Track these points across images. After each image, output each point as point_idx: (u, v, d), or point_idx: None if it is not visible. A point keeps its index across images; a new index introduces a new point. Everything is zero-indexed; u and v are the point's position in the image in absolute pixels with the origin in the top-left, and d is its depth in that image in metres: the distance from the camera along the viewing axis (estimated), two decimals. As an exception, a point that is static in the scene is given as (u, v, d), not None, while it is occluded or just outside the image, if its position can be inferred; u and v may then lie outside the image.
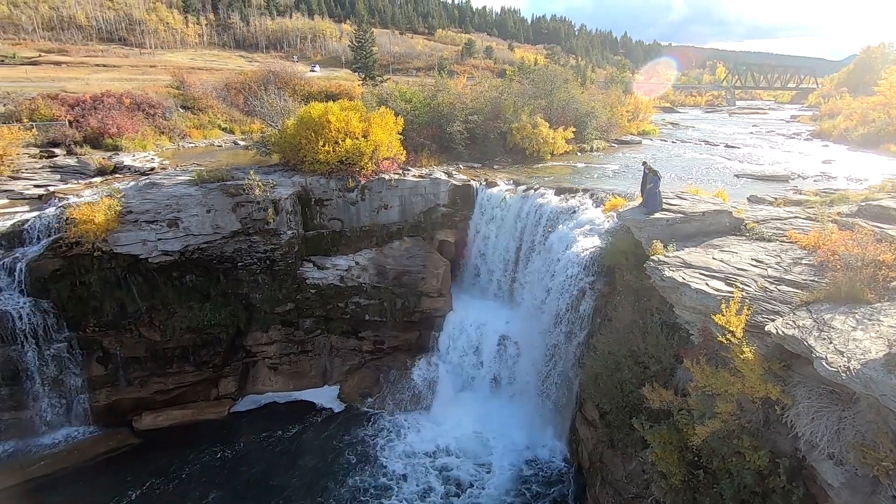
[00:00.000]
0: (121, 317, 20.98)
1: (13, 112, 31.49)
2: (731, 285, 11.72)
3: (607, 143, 37.40)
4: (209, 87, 43.48)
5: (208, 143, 36.03)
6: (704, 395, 11.13)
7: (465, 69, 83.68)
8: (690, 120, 64.90)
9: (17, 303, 19.20)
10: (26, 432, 19.72)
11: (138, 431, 20.59)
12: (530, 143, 30.95)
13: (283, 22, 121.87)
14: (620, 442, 15.22)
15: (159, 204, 21.11)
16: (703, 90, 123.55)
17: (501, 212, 23.90)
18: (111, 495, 17.39)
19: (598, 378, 15.58)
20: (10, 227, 20.00)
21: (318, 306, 23.79)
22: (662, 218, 15.59)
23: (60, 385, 20.21)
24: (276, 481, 18.23)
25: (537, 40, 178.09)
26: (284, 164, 25.97)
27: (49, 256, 19.65)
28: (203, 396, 22.33)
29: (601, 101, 39.92)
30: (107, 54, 79.48)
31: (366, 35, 70.02)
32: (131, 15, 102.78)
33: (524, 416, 21.01)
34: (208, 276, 22.18)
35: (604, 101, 41.33)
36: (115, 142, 30.54)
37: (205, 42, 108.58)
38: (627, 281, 15.73)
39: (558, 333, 18.97)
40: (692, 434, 11.13)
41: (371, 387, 23.35)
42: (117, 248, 20.20)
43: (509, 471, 18.93)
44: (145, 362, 21.40)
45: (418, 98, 31.93)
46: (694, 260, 13.37)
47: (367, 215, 24.82)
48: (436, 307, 23.92)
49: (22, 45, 75.83)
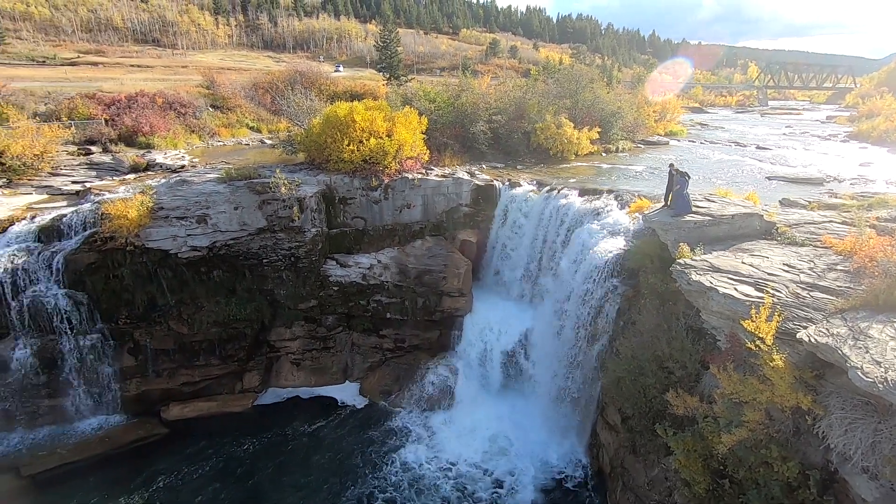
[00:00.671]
0: (151, 310, 21.62)
1: (53, 111, 32.77)
2: (762, 290, 11.42)
3: (633, 144, 36.83)
4: (238, 87, 44.43)
5: (236, 142, 36.81)
6: (731, 403, 10.87)
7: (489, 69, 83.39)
8: (720, 120, 63.32)
9: (55, 294, 19.98)
10: (62, 418, 20.51)
11: (166, 421, 21.19)
12: (554, 144, 30.71)
13: (310, 22, 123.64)
14: (643, 448, 14.98)
15: (189, 200, 21.69)
16: (733, 90, 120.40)
17: (524, 212, 23.77)
18: (142, 481, 17.98)
19: (621, 382, 15.37)
20: (50, 222, 20.82)
21: (340, 303, 24.08)
22: (690, 220, 15.28)
23: (94, 374, 20.93)
24: (294, 477, 18.52)
25: (563, 39, 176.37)
26: (310, 162, 26.37)
27: (85, 250, 20.37)
28: (228, 389, 22.84)
29: (627, 102, 39.31)
30: (141, 55, 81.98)
31: (391, 35, 70.51)
32: (164, 17, 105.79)
33: (544, 419, 20.86)
34: (235, 272, 22.67)
35: (630, 101, 40.68)
36: (147, 140, 31.49)
37: (234, 43, 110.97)
38: (652, 284, 15.46)
39: (580, 336, 18.76)
40: (718, 442, 10.88)
41: (391, 384, 23.52)
42: (149, 242, 20.83)
43: (528, 474, 18.79)
44: (173, 354, 22.00)
45: (442, 98, 32.01)
46: (722, 264, 13.07)
47: (390, 214, 25.00)
48: (457, 307, 23.94)
49: (62, 47, 78.82)
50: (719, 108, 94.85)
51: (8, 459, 18.66)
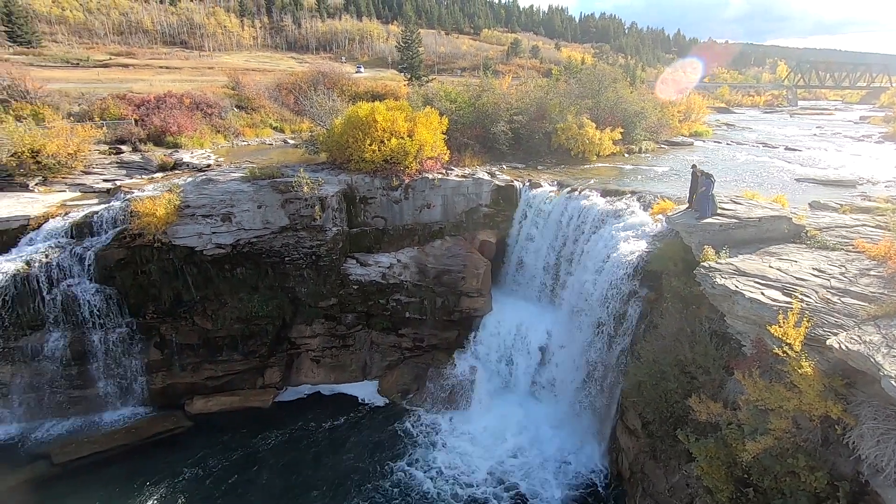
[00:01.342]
0: (177, 305, 22.17)
1: (86, 111, 33.87)
2: (790, 295, 11.13)
3: (656, 145, 36.24)
4: (262, 88, 45.23)
5: (260, 142, 37.48)
6: (756, 410, 10.61)
7: (510, 69, 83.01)
8: (747, 121, 61.85)
9: (86, 288, 20.65)
10: (91, 409, 21.19)
11: (190, 415, 21.68)
12: (576, 144, 30.43)
13: (333, 24, 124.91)
14: (663, 453, 14.74)
15: (214, 199, 22.17)
16: (761, 89, 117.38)
17: (545, 213, 23.62)
18: (169, 472, 18.45)
19: (642, 386, 15.15)
20: (82, 219, 21.55)
21: (360, 302, 24.29)
22: (715, 223, 14.99)
23: (122, 367, 21.56)
24: (310, 474, 18.69)
25: (585, 39, 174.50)
26: (331, 162, 26.68)
27: (115, 246, 21.01)
28: (249, 384, 23.25)
29: (651, 102, 38.72)
30: (169, 57, 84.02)
31: (412, 36, 70.79)
32: (192, 19, 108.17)
33: (562, 421, 20.70)
34: (257, 270, 23.07)
35: (654, 101, 40.07)
36: (175, 139, 32.31)
37: (259, 44, 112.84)
38: (675, 287, 15.20)
39: (600, 339, 18.57)
40: (742, 450, 10.63)
41: (409, 383, 23.63)
42: (175, 240, 21.36)
43: (545, 479, 18.64)
44: (198, 349, 22.51)
45: (463, 98, 32.03)
46: (748, 268, 12.78)
47: (410, 214, 25.12)
48: (475, 307, 23.92)
49: (95, 49, 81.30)
50: (746, 108, 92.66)
51: (40, 447, 19.35)
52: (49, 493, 17.36)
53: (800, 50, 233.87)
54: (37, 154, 24.90)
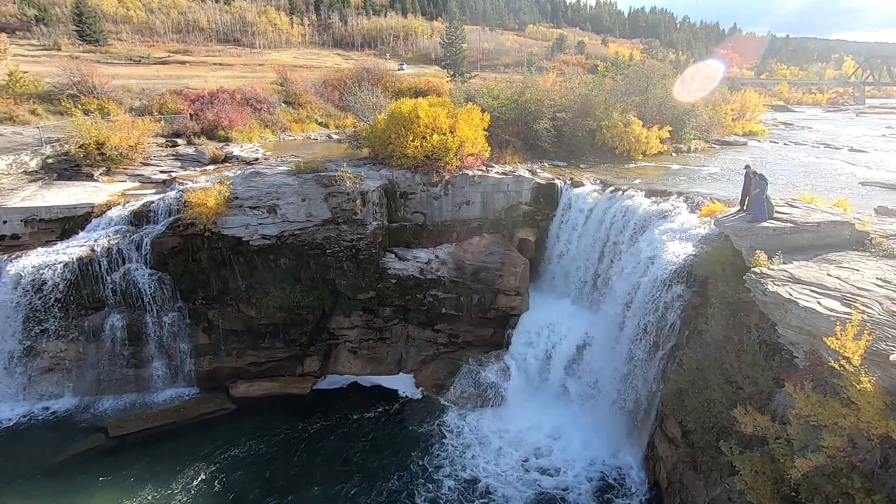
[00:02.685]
0: (224, 293, 23.13)
1: (146, 106, 35.79)
2: (849, 306, 10.49)
3: (707, 144, 34.85)
4: (309, 84, 46.41)
5: (305, 137, 38.49)
6: (808, 425, 10.06)
7: (554, 65, 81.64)
8: (807, 120, 58.51)
9: (142, 273, 21.87)
10: (144, 388, 22.46)
11: (233, 398, 22.61)
12: (620, 142, 29.65)
13: (378, 21, 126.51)
14: (704, 465, 14.22)
15: (261, 191, 22.97)
16: (824, 87, 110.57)
17: (586, 212, 23.16)
18: (211, 451, 19.33)
19: (683, 394, 14.65)
20: (140, 207, 22.82)
21: (397, 296, 24.60)
22: (768, 227, 14.30)
23: (172, 349, 22.73)
24: (346, 461, 19.13)
25: (634, 34, 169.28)
26: (373, 157, 27.09)
27: (169, 234, 22.14)
28: (290, 372, 24.01)
29: (703, 99, 37.17)
30: (223, 54, 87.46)
31: (456, 32, 70.77)
32: (245, 18, 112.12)
33: (598, 426, 20.27)
34: (300, 261, 23.75)
35: (705, 98, 38.45)
36: (226, 133, 33.65)
37: (306, 41, 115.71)
38: (723, 293, 14.59)
39: (641, 343, 18.04)
40: (790, 466, 10.11)
41: (444, 379, 23.76)
42: (224, 230, 22.30)
43: (580, 483, 18.35)
44: (242, 336, 23.41)
45: (505, 95, 31.80)
46: (804, 275, 12.11)
47: (449, 210, 25.20)
48: (512, 305, 23.76)
49: (155, 47, 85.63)
50: (807, 106, 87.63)
51: (98, 420, 20.69)
52: (105, 463, 18.54)
53: (869, 44, 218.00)
54: (101, 146, 26.51)
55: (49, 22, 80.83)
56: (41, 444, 19.25)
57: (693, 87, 32.97)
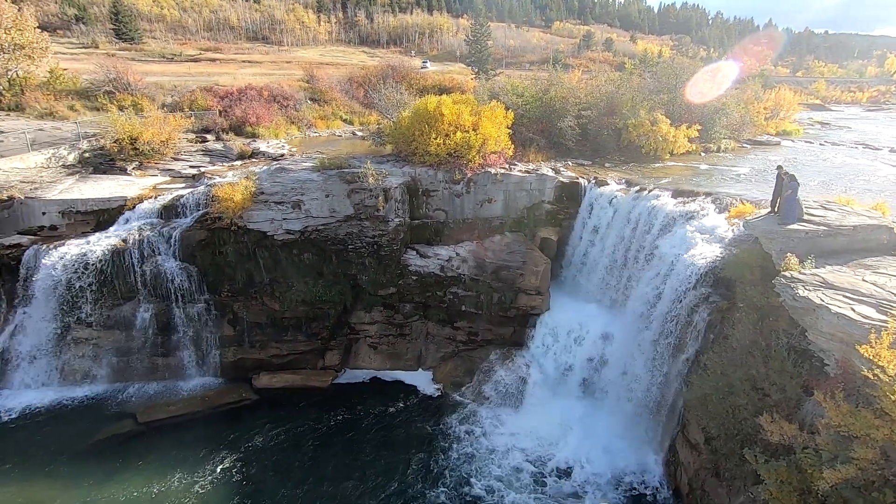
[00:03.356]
0: (249, 286, 23.62)
1: (177, 102, 36.76)
2: (885, 313, 10.08)
3: (737, 144, 33.91)
4: (334, 81, 46.92)
5: (330, 133, 38.93)
6: (838, 436, 9.72)
7: (581, 63, 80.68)
8: (845, 119, 56.32)
9: (171, 265, 22.50)
10: (171, 376, 23.11)
11: (256, 388, 23.08)
12: (647, 141, 29.08)
13: (404, 18, 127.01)
14: (727, 472, 13.90)
15: (286, 187, 23.35)
16: (864, 85, 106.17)
17: (610, 212, 22.82)
18: (234, 440, 19.80)
19: (707, 399, 14.32)
20: (170, 201, 23.46)
21: (417, 293, 24.71)
22: (800, 230, 13.85)
23: (198, 339, 23.34)
24: (362, 458, 19.29)
25: (664, 31, 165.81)
26: (396, 154, 27.22)
27: (197, 228, 22.71)
28: (311, 365, 24.38)
29: (734, 97, 36.15)
30: (251, 52, 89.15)
31: (482, 29, 70.52)
32: (273, 16, 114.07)
33: (617, 429, 19.97)
34: (322, 256, 24.07)
35: (737, 96, 37.39)
36: (253, 130, 34.30)
37: (333, 39, 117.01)
38: (750, 297, 14.20)
39: (664, 346, 17.71)
40: (818, 477, 9.79)
41: (462, 377, 23.77)
42: (250, 224, 22.75)
43: (597, 486, 18.12)
44: (266, 328, 23.87)
45: (530, 92, 31.53)
46: (837, 280, 11.69)
47: (471, 208, 25.16)
48: (533, 305, 23.61)
49: (187, 45, 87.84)
50: (846, 104, 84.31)
51: (128, 407, 21.39)
52: (134, 448, 19.17)
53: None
54: (135, 141, 27.35)
55: (88, 21, 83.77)
56: (74, 427, 20.02)
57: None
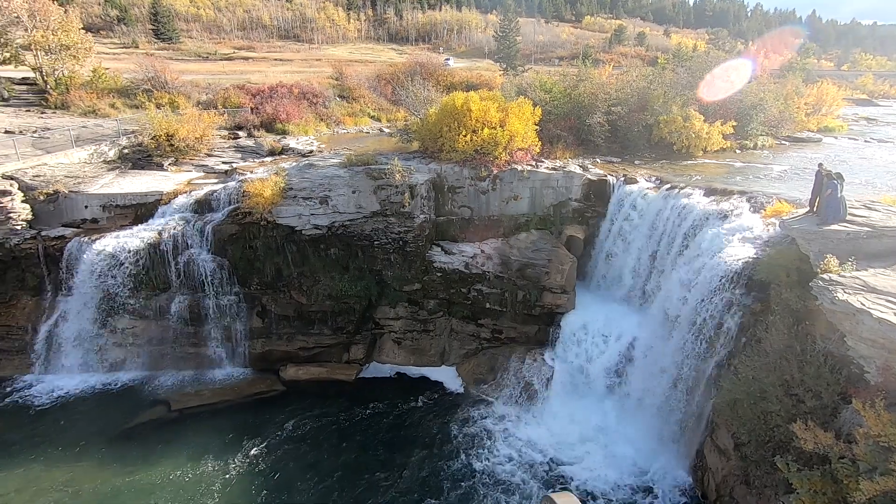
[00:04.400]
0: (277, 279, 24.16)
1: (211, 100, 37.80)
2: (932, 319, 9.56)
3: (775, 141, 32.71)
4: (363, 78, 47.38)
5: (358, 130, 39.36)
6: (877, 446, 9.31)
7: (611, 58, 78.91)
8: (894, 115, 53.48)
9: (204, 258, 23.21)
10: (202, 365, 23.88)
11: (283, 380, 23.60)
12: (679, 138, 28.31)
13: (433, 15, 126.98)
14: (758, 480, 13.49)
15: (314, 183, 23.74)
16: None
17: (639, 210, 22.36)
18: (262, 429, 20.35)
19: (738, 404, 13.91)
20: (203, 196, 24.18)
21: (442, 289, 24.78)
22: (841, 230, 13.27)
23: (228, 331, 24.02)
24: (385, 452, 19.49)
25: (699, 24, 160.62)
26: (423, 151, 27.31)
27: (228, 222, 23.34)
28: (336, 358, 24.78)
29: (773, 92, 34.76)
30: (283, 50, 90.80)
31: (510, 25, 69.97)
32: (304, 14, 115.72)
33: (643, 431, 19.61)
34: (349, 251, 24.39)
35: (776, 91, 35.93)
36: (283, 127, 34.97)
37: (362, 36, 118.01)
38: (786, 300, 13.70)
39: (693, 349, 17.26)
40: (855, 488, 9.40)
41: (486, 374, 23.75)
42: (279, 219, 23.24)
43: (621, 489, 17.83)
44: (293, 321, 24.39)
45: (558, 88, 31.14)
46: (881, 284, 11.16)
47: (497, 205, 25.05)
48: (558, 303, 23.36)
49: (221, 44, 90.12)
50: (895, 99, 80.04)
51: (161, 394, 22.22)
52: (167, 434, 19.89)
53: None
54: (171, 137, 28.27)
55: (129, 21, 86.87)
56: (110, 411, 20.94)
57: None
